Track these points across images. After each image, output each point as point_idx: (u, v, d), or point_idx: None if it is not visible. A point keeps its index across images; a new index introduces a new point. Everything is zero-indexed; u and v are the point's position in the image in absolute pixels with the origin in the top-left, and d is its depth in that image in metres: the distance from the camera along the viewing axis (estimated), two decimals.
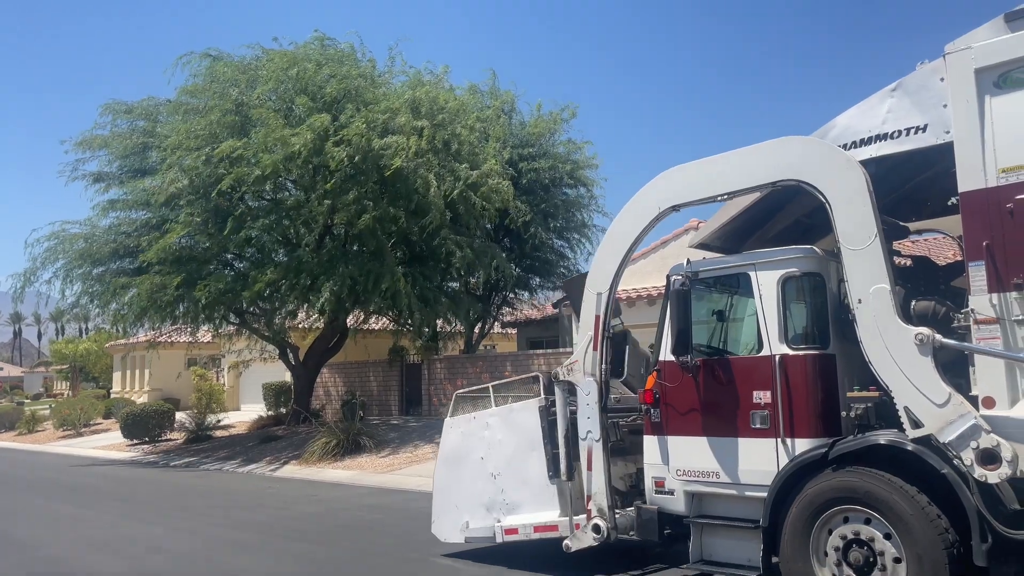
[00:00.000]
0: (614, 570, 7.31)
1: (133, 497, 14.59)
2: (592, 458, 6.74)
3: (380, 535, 9.86)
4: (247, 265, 20.61)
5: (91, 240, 21.08)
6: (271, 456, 19.60)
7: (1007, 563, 4.84)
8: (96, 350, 49.35)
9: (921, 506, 5.00)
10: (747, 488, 5.92)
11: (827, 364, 5.85)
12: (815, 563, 5.45)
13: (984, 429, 4.82)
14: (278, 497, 13.85)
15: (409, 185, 17.35)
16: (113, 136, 21.64)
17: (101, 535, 10.44)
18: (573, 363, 7.01)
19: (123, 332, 25.66)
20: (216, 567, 8.35)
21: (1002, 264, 4.91)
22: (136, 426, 26.13)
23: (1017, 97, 4.99)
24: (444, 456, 8.28)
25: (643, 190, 6.80)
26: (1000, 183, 4.98)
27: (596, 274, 7.04)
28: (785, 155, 5.97)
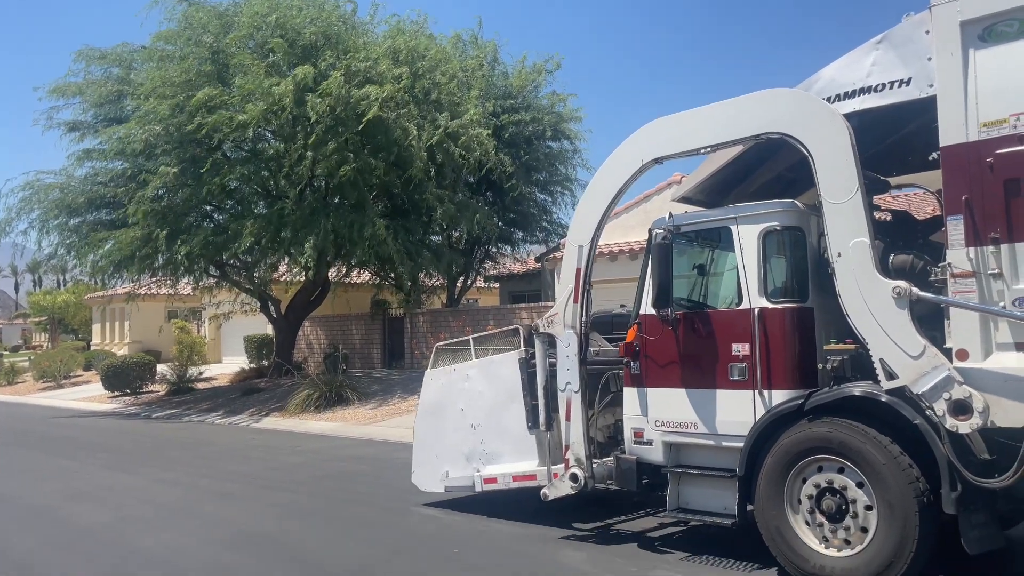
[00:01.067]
0: (591, 519, 7.47)
1: (115, 448, 14.62)
2: (571, 409, 6.86)
3: (363, 485, 9.97)
4: (227, 218, 20.40)
5: (67, 190, 20.77)
6: (254, 408, 19.67)
7: (975, 511, 4.98)
8: (75, 302, 48.91)
9: (893, 455, 5.12)
10: (724, 438, 6.04)
11: (805, 317, 5.92)
12: (789, 511, 5.60)
13: (957, 381, 4.91)
14: (261, 448, 13.93)
15: (389, 135, 17.17)
16: (87, 83, 21.19)
17: (83, 486, 10.48)
18: (553, 315, 7.07)
19: (102, 284, 25.46)
20: (200, 516, 8.43)
21: (980, 218, 4.93)
22: (117, 378, 26.07)
23: (1001, 51, 4.96)
24: (424, 407, 8.41)
25: (626, 143, 6.79)
26: (981, 137, 4.98)
27: (577, 227, 7.07)
28: (769, 108, 5.95)
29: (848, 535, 5.35)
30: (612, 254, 19.70)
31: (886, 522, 5.12)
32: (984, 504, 5.02)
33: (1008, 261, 4.85)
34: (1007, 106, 4.90)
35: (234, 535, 7.55)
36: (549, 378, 7.14)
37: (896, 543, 5.06)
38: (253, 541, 7.32)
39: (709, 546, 6.48)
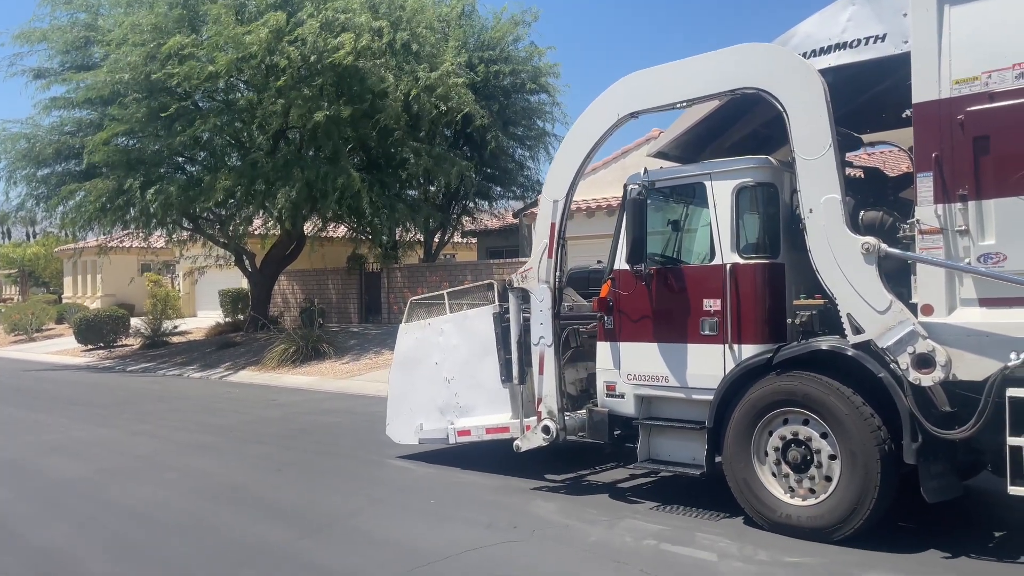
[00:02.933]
0: (563, 470, 7.61)
1: (90, 402, 14.57)
2: (544, 362, 6.96)
3: (339, 438, 10.04)
4: (200, 169, 20.08)
5: (34, 140, 20.30)
6: (229, 362, 19.63)
7: (935, 461, 5.14)
8: (45, 254, 48.13)
9: (856, 407, 5.23)
10: (694, 391, 6.15)
11: (776, 273, 5.98)
12: (756, 462, 5.73)
13: (921, 335, 5.01)
14: (237, 402, 13.96)
15: (364, 84, 16.91)
16: (52, 29, 20.55)
17: (58, 439, 10.46)
18: (528, 270, 7.13)
19: (72, 236, 25.07)
20: (177, 468, 8.46)
21: (949, 175, 4.97)
22: (90, 331, 25.84)
23: (976, 7, 4.96)
24: (399, 361, 8.49)
25: (601, 96, 6.75)
26: (953, 95, 4.99)
27: (552, 181, 7.08)
28: (745, 62, 5.94)
29: (813, 484, 5.49)
30: (590, 210, 19.69)
31: (849, 472, 5.26)
32: (944, 455, 5.16)
33: (975, 218, 4.91)
34: (979, 63, 4.91)
35: (211, 487, 7.60)
36: (523, 332, 7.23)
37: (858, 492, 5.21)
38: (230, 493, 7.38)
39: (678, 496, 6.64)
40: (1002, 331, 4.79)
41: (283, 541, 5.85)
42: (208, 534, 6.09)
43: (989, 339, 4.84)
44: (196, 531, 6.17)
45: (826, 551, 5.28)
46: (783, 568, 5.10)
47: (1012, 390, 4.68)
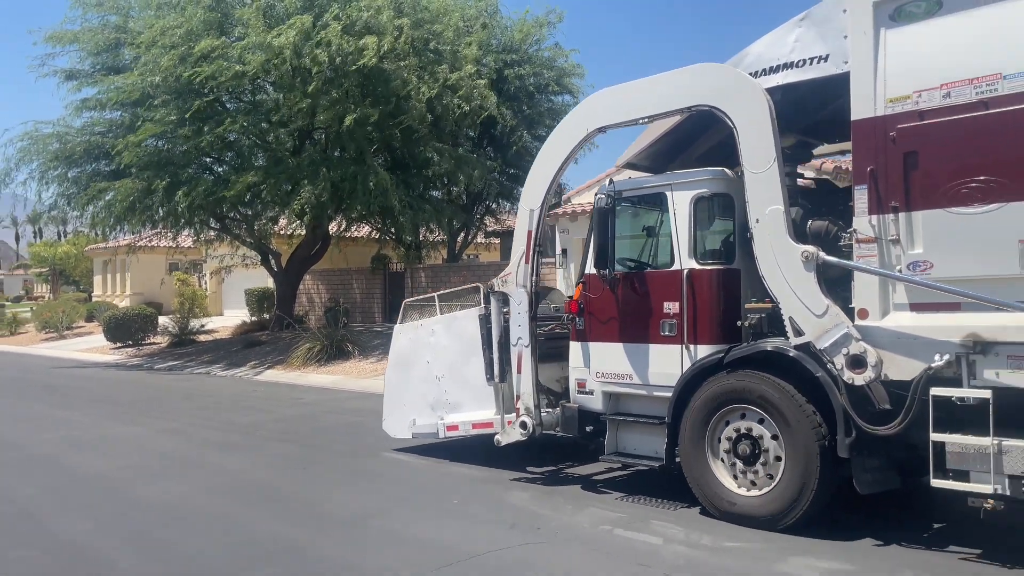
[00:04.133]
0: (544, 463, 8.00)
1: (118, 399, 14.76)
2: (522, 362, 7.37)
3: (363, 437, 10.04)
4: (227, 169, 20.28)
5: (65, 141, 20.60)
6: (255, 360, 19.80)
7: (870, 456, 5.49)
8: (76, 253, 48.92)
9: (799, 404, 5.60)
10: (656, 389, 6.55)
11: (731, 278, 6.35)
12: (709, 455, 6.12)
13: (855, 337, 5.33)
14: (263, 400, 14.07)
15: (389, 86, 16.98)
16: (84, 31, 20.85)
17: (87, 436, 10.61)
18: (507, 275, 7.53)
19: (102, 235, 25.43)
20: (201, 466, 8.54)
21: (883, 188, 5.28)
22: (119, 329, 26.19)
23: (909, 30, 5.26)
24: (394, 360, 8.92)
25: (573, 112, 7.27)
26: (887, 112, 5.29)
27: (529, 192, 7.51)
28: (699, 82, 6.34)
29: (760, 476, 5.88)
30: (587, 213, 19.58)
31: (791, 464, 5.64)
32: (879, 450, 5.49)
33: (905, 228, 5.22)
34: (911, 83, 5.21)
35: (236, 485, 7.66)
36: (503, 334, 7.60)
37: (800, 482, 5.58)
38: (255, 491, 7.43)
39: (646, 488, 6.97)
40: (929, 334, 5.11)
41: (307, 539, 5.88)
42: (232, 531, 6.14)
43: (917, 341, 5.15)
44: (220, 528, 6.22)
45: (768, 537, 5.62)
46: (720, 552, 5.51)
47: (935, 389, 4.99)
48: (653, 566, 5.22)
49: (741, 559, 5.35)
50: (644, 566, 5.20)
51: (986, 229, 4.90)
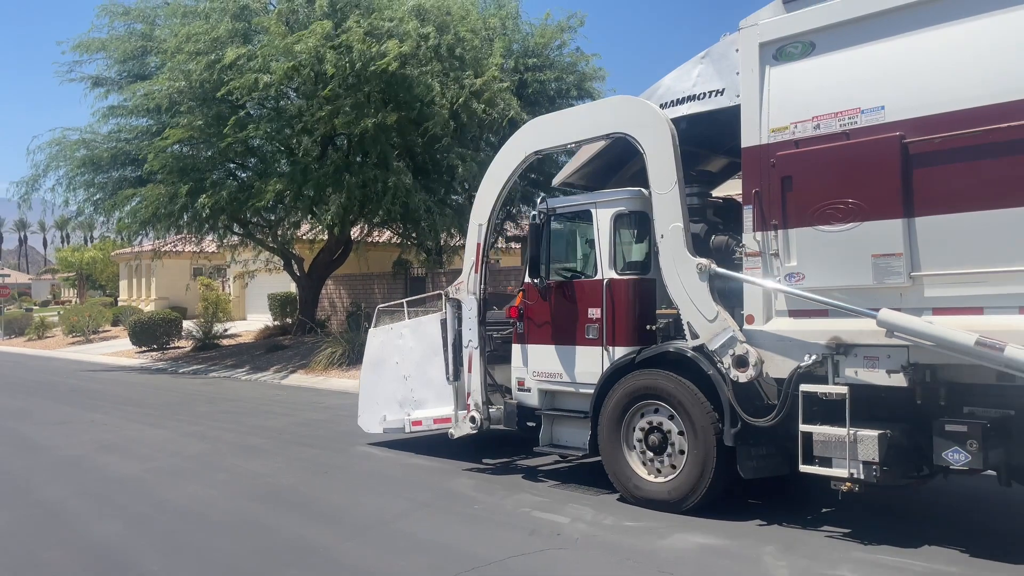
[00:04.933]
0: (501, 455, 8.76)
1: (143, 402, 14.93)
2: (472, 363, 8.07)
3: (376, 440, 10.10)
4: (251, 175, 20.47)
5: (92, 147, 20.92)
6: (278, 365, 19.95)
7: (756, 445, 6.16)
8: (102, 258, 49.58)
9: (698, 399, 6.30)
10: (582, 386, 7.27)
11: (647, 287, 7.04)
12: (624, 445, 6.84)
13: (740, 340, 6.03)
14: (285, 404, 14.17)
15: (412, 92, 17.06)
16: (111, 39, 21.19)
17: (113, 438, 10.74)
18: (460, 283, 8.25)
19: (127, 240, 25.74)
20: (226, 469, 8.62)
21: (765, 208, 5.96)
22: (144, 333, 26.50)
23: (788, 68, 5.94)
24: (367, 361, 9.64)
25: (513, 137, 8.02)
26: (769, 141, 5.96)
27: (478, 208, 8.22)
28: (615, 113, 7.12)
29: (664, 464, 6.59)
30: None
31: (692, 452, 6.34)
32: (766, 440, 6.12)
33: (783, 244, 5.90)
34: (789, 115, 5.89)
35: (260, 488, 7.73)
36: (457, 337, 8.22)
37: (699, 470, 6.28)
38: (278, 494, 7.49)
39: (583, 478, 7.63)
40: (802, 337, 5.78)
41: (330, 543, 5.92)
42: (256, 534, 6.19)
43: (792, 344, 5.84)
44: (244, 531, 6.28)
45: (668, 518, 6.30)
46: (616, 530, 6.13)
47: (804, 386, 5.68)
48: (545, 538, 5.91)
49: (631, 535, 5.98)
50: (537, 536, 5.97)
51: (846, 245, 5.57)
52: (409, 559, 5.52)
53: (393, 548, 5.80)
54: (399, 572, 5.34)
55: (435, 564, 5.39)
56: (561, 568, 5.34)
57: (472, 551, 5.63)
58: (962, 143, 5.12)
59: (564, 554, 5.58)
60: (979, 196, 5.06)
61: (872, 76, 5.54)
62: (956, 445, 5.15)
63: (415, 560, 5.49)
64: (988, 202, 5.02)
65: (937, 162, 5.22)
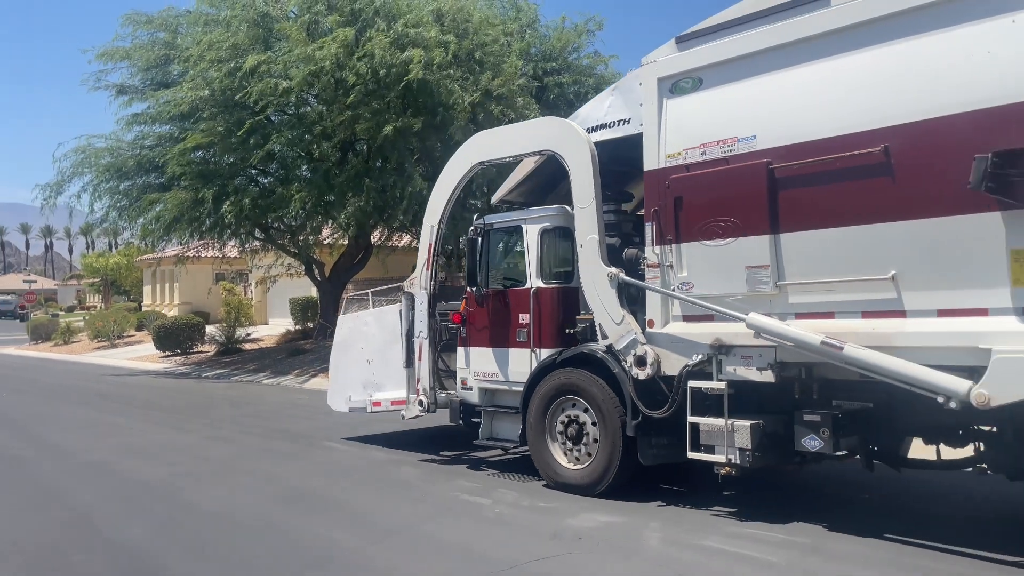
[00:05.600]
0: (458, 448, 9.42)
1: (168, 406, 15.09)
2: (421, 351, 8.83)
3: (404, 445, 10.14)
4: (271, 181, 20.64)
5: (116, 154, 21.17)
6: (299, 369, 20.09)
7: (656, 435, 6.87)
8: (126, 264, 50.17)
9: (607, 393, 7.06)
10: (514, 384, 8.02)
11: (570, 295, 7.78)
12: (547, 437, 7.61)
13: (641, 342, 6.80)
14: (307, 408, 14.26)
15: (433, 97, 17.13)
16: (135, 48, 21.44)
17: (138, 442, 10.87)
18: (413, 279, 9.04)
19: (151, 246, 26.03)
20: (250, 472, 8.69)
21: (663, 225, 6.71)
22: (168, 338, 26.78)
23: (681, 100, 6.67)
24: (336, 345, 10.37)
25: (460, 148, 8.85)
26: (665, 165, 6.70)
27: (430, 211, 8.95)
28: (547, 131, 7.91)
29: (581, 453, 7.36)
30: None
31: (603, 442, 7.13)
32: (665, 430, 6.80)
33: (676, 257, 6.65)
34: (681, 142, 6.62)
35: (283, 491, 7.79)
36: (411, 327, 8.99)
37: (608, 457, 7.07)
38: (300, 497, 7.55)
39: (521, 468, 8.25)
40: (692, 339, 6.52)
41: (352, 546, 5.96)
42: (280, 537, 6.23)
43: (684, 344, 6.58)
44: (269, 534, 6.32)
45: (580, 500, 7.05)
46: (530, 510, 6.92)
47: (692, 382, 6.46)
48: (461, 515, 6.81)
49: (542, 514, 6.75)
50: (452, 514, 6.86)
51: (725, 258, 6.30)
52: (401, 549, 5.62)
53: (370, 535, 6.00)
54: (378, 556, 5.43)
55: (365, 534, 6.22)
56: (464, 536, 6.23)
57: (390, 522, 6.60)
58: (815, 169, 5.79)
59: (474, 526, 6.50)
60: (829, 215, 5.76)
61: (747, 109, 6.26)
62: (812, 433, 5.93)
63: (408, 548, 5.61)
64: (836, 220, 5.72)
65: (796, 185, 5.93)
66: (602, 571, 5.37)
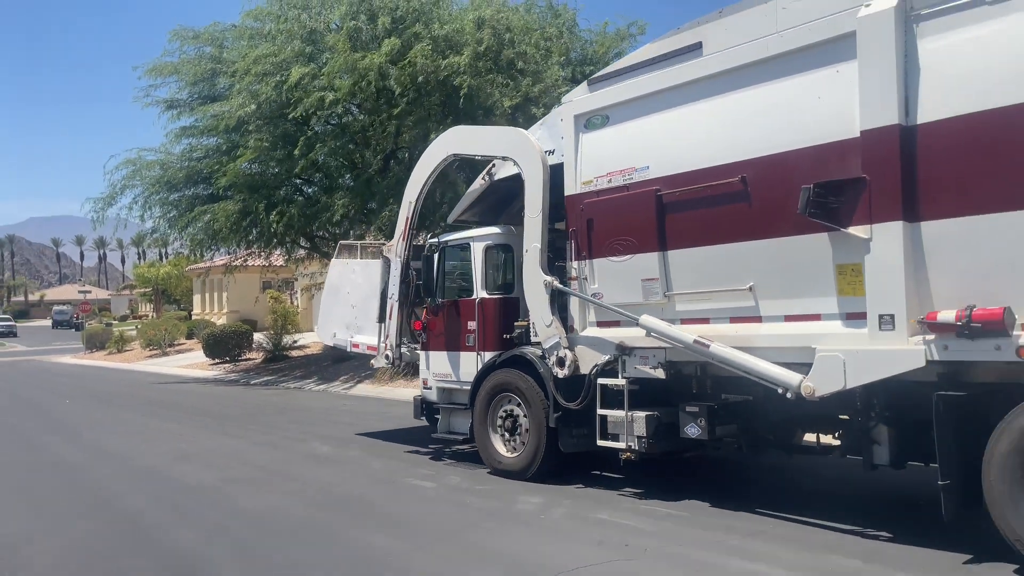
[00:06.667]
0: (440, 443, 9.87)
1: (218, 413, 15.35)
2: (392, 312, 9.81)
3: (451, 451, 10.14)
4: (316, 190, 20.89)
5: (166, 166, 21.64)
6: (345, 375, 20.27)
7: (576, 426, 7.81)
8: (176, 274, 51.26)
9: (535, 390, 8.08)
10: (464, 384, 9.01)
11: (511, 304, 8.78)
12: (489, 429, 8.64)
13: (563, 345, 7.74)
14: (353, 414, 14.38)
15: (474, 102, 17.20)
16: (182, 63, 21.87)
17: (189, 447, 11.06)
18: (391, 246, 10.02)
19: (200, 256, 26.54)
20: (297, 478, 8.78)
21: (579, 243, 7.69)
22: (217, 346, 27.27)
23: (593, 135, 7.64)
24: (327, 286, 11.43)
25: (440, 137, 9.84)
26: (580, 191, 7.68)
27: (410, 189, 9.91)
28: (509, 138, 8.73)
29: (516, 443, 8.39)
30: None
31: (531, 432, 8.16)
32: (582, 421, 7.68)
33: (588, 271, 7.65)
34: (593, 171, 7.59)
35: (330, 497, 7.85)
36: (385, 287, 9.96)
37: (535, 445, 8.09)
38: (349, 503, 7.59)
39: (477, 458, 8.97)
40: (603, 342, 7.49)
41: (401, 553, 5.97)
42: (329, 544, 6.26)
43: (597, 347, 7.54)
44: (320, 540, 6.36)
45: (511, 484, 8.05)
46: (466, 492, 7.85)
47: (601, 379, 7.46)
48: (404, 493, 7.95)
49: (474, 495, 7.71)
50: (400, 491, 8.07)
51: (626, 272, 7.24)
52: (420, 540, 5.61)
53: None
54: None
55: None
56: (402, 508, 7.38)
57: (344, 493, 8.01)
58: (691, 195, 6.69)
59: (413, 503, 7.56)
60: (703, 235, 6.66)
61: (642, 142, 7.17)
62: (692, 422, 6.87)
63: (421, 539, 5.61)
64: (708, 239, 6.62)
65: (678, 209, 6.83)
66: (507, 536, 6.45)
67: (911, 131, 5.40)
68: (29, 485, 8.98)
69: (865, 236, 5.56)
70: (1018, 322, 4.98)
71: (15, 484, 9.06)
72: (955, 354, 5.20)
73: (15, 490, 8.75)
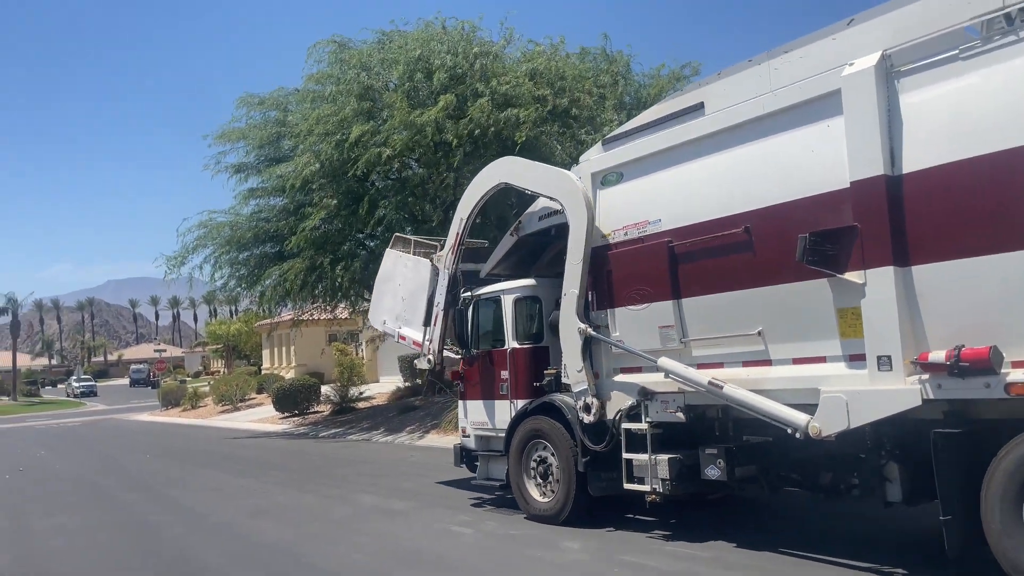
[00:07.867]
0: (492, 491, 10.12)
1: (288, 467, 15.57)
2: (436, 319, 10.10)
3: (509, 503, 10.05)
4: (378, 244, 21.31)
5: (235, 227, 22.41)
6: (412, 425, 20.38)
7: (605, 470, 8.01)
8: (246, 330, 52.62)
9: (564, 436, 8.31)
10: (500, 431, 9.32)
11: (541, 353, 9.14)
12: (524, 475, 8.92)
13: (590, 392, 7.99)
14: (420, 465, 14.41)
15: (531, 154, 17.41)
16: (249, 128, 22.78)
17: (261, 503, 11.22)
18: (442, 255, 10.30)
19: (268, 312, 27.24)
20: (367, 532, 8.81)
21: (602, 293, 8.10)
22: (286, 400, 27.77)
23: (610, 191, 8.08)
24: (381, 273, 11.69)
25: (494, 163, 9.96)
26: (599, 244, 8.05)
27: (461, 206, 10.19)
28: (560, 183, 8.66)
29: (549, 488, 8.62)
30: None
31: (562, 478, 8.37)
32: (611, 465, 7.87)
33: (611, 319, 7.98)
34: (611, 225, 8.00)
35: (400, 551, 7.85)
36: (433, 292, 10.24)
37: (566, 490, 8.31)
38: (421, 557, 7.58)
39: (504, 501, 9.53)
40: (626, 387, 7.79)
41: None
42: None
43: (621, 392, 7.86)
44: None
45: (542, 528, 8.32)
46: (496, 537, 8.20)
47: (625, 424, 7.73)
48: (443, 541, 8.17)
49: (503, 542, 8.01)
50: (442, 535, 8.44)
51: (644, 320, 7.56)
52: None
53: None
54: None
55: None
56: (444, 550, 7.86)
57: (413, 547, 8.25)
58: (701, 246, 7.01)
59: (452, 546, 7.96)
60: (713, 283, 6.94)
61: (654, 196, 7.54)
62: (712, 464, 7.01)
63: None
64: (718, 287, 6.90)
65: (689, 259, 7.15)
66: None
67: (897, 180, 5.65)
68: (113, 546, 9.19)
69: (860, 281, 5.81)
70: (1006, 360, 5.12)
71: (103, 545, 9.28)
72: (949, 392, 5.36)
73: (104, 550, 8.97)
